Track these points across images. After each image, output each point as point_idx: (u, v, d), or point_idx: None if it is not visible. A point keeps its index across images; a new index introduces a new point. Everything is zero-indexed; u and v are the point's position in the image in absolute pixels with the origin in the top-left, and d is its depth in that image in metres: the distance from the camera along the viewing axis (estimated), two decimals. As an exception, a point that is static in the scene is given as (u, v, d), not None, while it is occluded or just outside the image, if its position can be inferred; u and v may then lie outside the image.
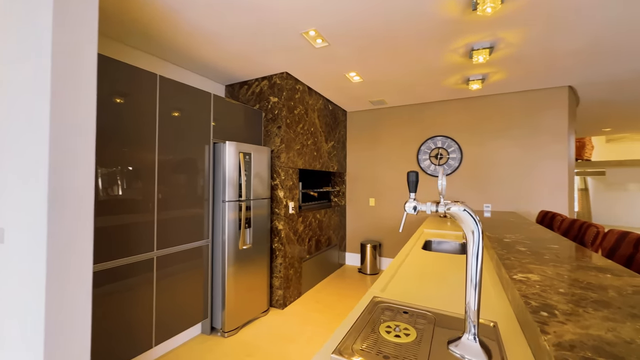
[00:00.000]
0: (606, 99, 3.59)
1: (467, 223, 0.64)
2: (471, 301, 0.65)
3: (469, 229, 0.64)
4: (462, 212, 0.65)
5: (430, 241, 2.22)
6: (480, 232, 0.63)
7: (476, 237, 0.63)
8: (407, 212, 0.70)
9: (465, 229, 0.65)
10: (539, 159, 3.21)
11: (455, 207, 0.65)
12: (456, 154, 3.58)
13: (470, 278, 0.65)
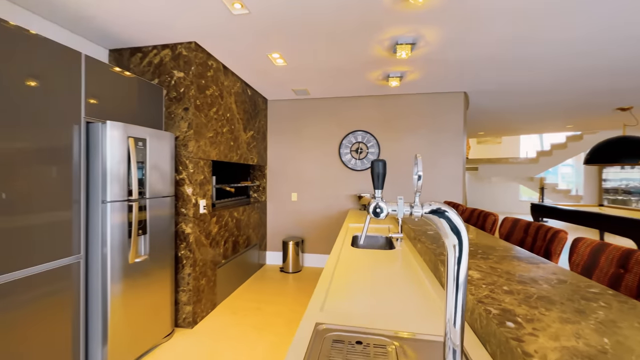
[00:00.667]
0: (486, 106, 4.30)
1: (445, 231, 0.49)
2: (455, 336, 0.50)
3: (451, 241, 0.48)
4: (444, 218, 0.48)
5: (357, 236, 2.17)
6: (466, 243, 0.48)
7: (459, 249, 0.48)
8: (372, 217, 0.51)
9: (446, 238, 0.49)
10: (441, 155, 3.60)
11: (438, 210, 0.49)
12: (375, 148, 3.72)
13: (451, 307, 0.50)
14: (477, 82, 3.21)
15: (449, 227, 0.49)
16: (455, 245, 0.49)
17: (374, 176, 0.52)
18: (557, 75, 3.00)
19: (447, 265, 0.50)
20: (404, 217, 0.53)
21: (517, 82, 3.20)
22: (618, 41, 2.25)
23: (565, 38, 2.20)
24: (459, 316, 0.50)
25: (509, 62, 2.64)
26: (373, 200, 0.52)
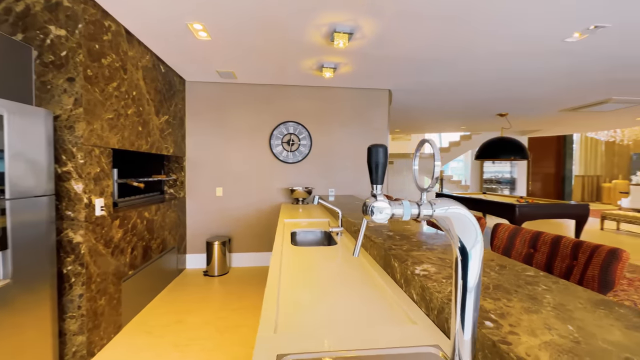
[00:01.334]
0: (404, 104, 4.70)
1: (457, 233, 0.40)
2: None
3: (466, 244, 0.40)
4: (459, 216, 0.39)
5: (295, 233, 2.04)
6: (481, 245, 0.40)
7: (476, 253, 0.40)
8: (372, 220, 0.38)
9: (456, 240, 0.40)
10: (365, 149, 3.75)
11: (451, 209, 0.39)
12: (307, 140, 3.63)
13: (459, 320, 0.42)
14: (400, 81, 3.43)
15: (464, 228, 0.40)
16: (470, 249, 0.40)
17: (372, 167, 0.40)
18: (459, 82, 3.44)
19: (457, 271, 0.42)
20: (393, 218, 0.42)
21: (430, 82, 3.55)
22: (503, 61, 2.68)
23: (470, 50, 2.50)
24: (470, 328, 0.42)
25: (426, 62, 2.88)
26: (371, 199, 0.39)
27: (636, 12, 1.92)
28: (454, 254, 0.42)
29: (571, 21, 2.05)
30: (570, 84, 3.50)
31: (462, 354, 0.42)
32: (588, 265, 1.02)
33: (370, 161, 0.39)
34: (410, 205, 0.39)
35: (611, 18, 2.00)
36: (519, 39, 2.32)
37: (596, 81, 3.38)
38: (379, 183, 0.40)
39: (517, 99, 4.33)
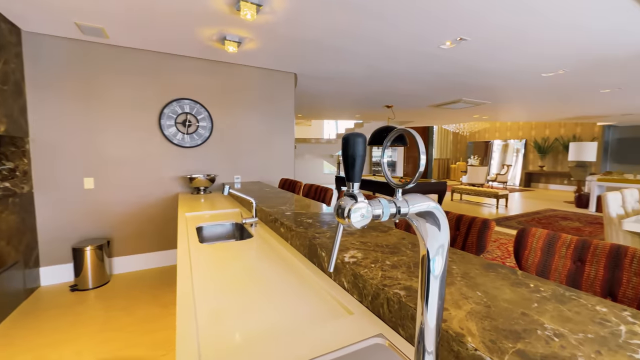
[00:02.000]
0: (307, 90, 4.77)
1: (431, 233, 0.38)
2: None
3: (437, 243, 0.39)
4: (433, 211, 0.37)
5: (201, 228, 1.80)
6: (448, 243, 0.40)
7: (445, 247, 0.40)
8: (355, 225, 0.32)
9: (428, 239, 0.39)
10: (276, 134, 3.66)
11: (425, 205, 0.37)
12: (207, 122, 3.23)
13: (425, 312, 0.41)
14: (306, 65, 3.42)
15: (435, 222, 0.38)
16: (440, 244, 0.39)
17: (349, 161, 0.33)
18: (361, 73, 3.71)
19: (426, 264, 0.40)
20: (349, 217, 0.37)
21: (335, 70, 3.69)
22: (389, 58, 3.03)
23: (368, 43, 2.70)
24: (434, 316, 0.42)
25: (334, 49, 2.96)
26: (347, 200, 0.33)
27: (486, 31, 2.44)
28: (423, 249, 0.40)
29: (445, 31, 2.44)
30: (438, 84, 4.27)
31: (426, 344, 0.42)
32: (468, 234, 1.27)
33: (347, 154, 0.32)
34: (388, 204, 0.34)
35: (470, 33, 2.49)
36: (409, 37, 2.63)
37: (455, 84, 4.24)
38: (357, 180, 0.33)
39: (400, 94, 5.02)
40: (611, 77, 3.77)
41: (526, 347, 0.50)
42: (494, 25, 2.33)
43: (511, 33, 2.47)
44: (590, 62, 3.19)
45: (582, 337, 0.53)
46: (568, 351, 0.49)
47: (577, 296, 0.69)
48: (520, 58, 3.09)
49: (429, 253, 0.39)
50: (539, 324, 0.57)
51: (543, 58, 3.09)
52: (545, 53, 2.93)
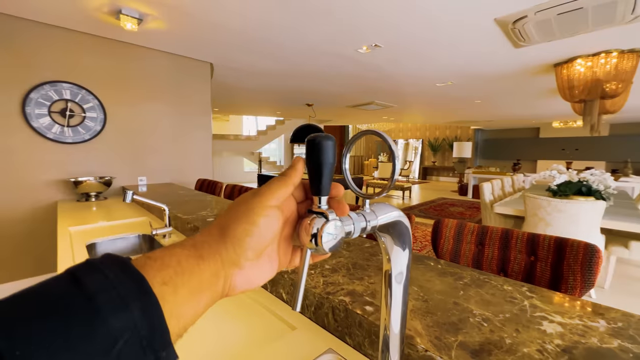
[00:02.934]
0: (225, 83, 4.44)
1: (397, 246, 0.36)
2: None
3: (404, 242, 0.36)
4: (398, 221, 0.34)
5: (94, 244, 1.44)
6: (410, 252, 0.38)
7: (407, 254, 0.37)
8: (327, 250, 0.26)
9: (392, 245, 0.36)
10: (190, 129, 3.27)
11: (393, 215, 0.33)
12: (97, 112, 2.64)
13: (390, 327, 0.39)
14: (224, 56, 3.16)
15: (400, 232, 0.35)
16: (404, 252, 0.37)
17: (317, 170, 0.26)
18: (282, 69, 3.64)
19: (389, 274, 0.38)
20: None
21: (255, 64, 3.52)
22: (316, 57, 3.08)
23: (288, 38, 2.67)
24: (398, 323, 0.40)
25: (255, 41, 2.81)
26: (316, 218, 0.26)
27: (397, 41, 2.70)
28: (386, 260, 0.37)
29: (362, 36, 2.59)
30: (355, 86, 4.55)
31: (392, 354, 0.39)
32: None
33: (314, 161, 0.26)
34: (357, 217, 0.30)
35: (384, 41, 2.70)
36: (329, 38, 2.69)
37: (369, 87, 4.59)
38: (326, 194, 0.27)
39: (321, 93, 5.16)
40: (481, 90, 4.70)
41: (465, 338, 0.53)
42: (404, 36, 2.58)
43: (417, 45, 2.79)
44: (469, 77, 3.90)
45: (502, 317, 0.60)
46: (497, 334, 0.54)
47: (489, 278, 0.79)
48: (422, 68, 3.54)
49: (392, 262, 0.37)
50: (469, 311, 0.63)
51: (438, 70, 3.61)
52: (439, 66, 3.43)
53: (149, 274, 0.20)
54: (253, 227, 0.25)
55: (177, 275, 0.21)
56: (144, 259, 0.21)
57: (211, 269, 0.23)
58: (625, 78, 3.07)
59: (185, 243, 0.24)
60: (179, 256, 0.22)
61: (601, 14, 2.07)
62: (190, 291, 0.22)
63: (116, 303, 0.17)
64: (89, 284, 0.17)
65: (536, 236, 1.02)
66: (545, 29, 2.32)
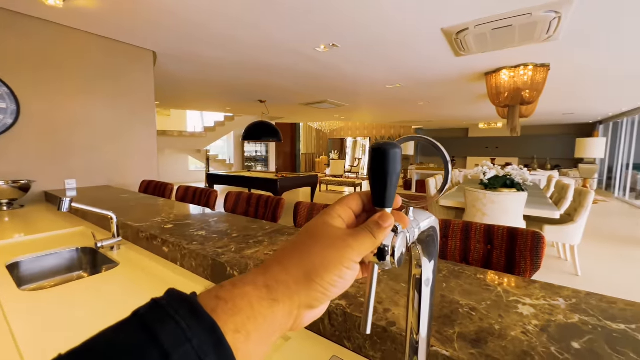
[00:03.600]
0: (168, 74, 4.06)
1: (432, 254, 0.36)
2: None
3: (431, 263, 0.37)
4: (433, 223, 0.35)
5: (17, 264, 1.19)
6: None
7: (435, 258, 0.38)
8: (397, 265, 0.24)
9: (422, 251, 0.37)
10: (131, 124, 2.91)
11: (431, 219, 0.33)
12: (7, 102, 2.18)
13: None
14: (168, 44, 2.87)
15: (436, 244, 0.36)
16: (434, 264, 0.37)
17: (381, 180, 0.24)
18: (231, 62, 3.46)
19: (420, 287, 0.38)
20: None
21: (202, 55, 3.29)
22: (264, 49, 3.01)
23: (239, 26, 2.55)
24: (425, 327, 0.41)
25: (200, 29, 2.62)
26: (395, 235, 0.25)
27: (353, 42, 2.76)
28: (414, 265, 0.37)
29: (321, 35, 2.60)
30: (310, 84, 4.55)
31: (419, 357, 0.40)
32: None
33: (380, 170, 0.24)
34: (409, 225, 0.29)
35: (342, 40, 2.75)
36: (287, 34, 2.64)
37: (324, 85, 4.64)
38: (391, 205, 0.26)
39: (274, 89, 5.05)
40: (425, 93, 5.11)
41: (462, 329, 0.57)
42: (361, 38, 2.66)
43: (372, 48, 2.89)
44: (415, 80, 4.21)
45: (485, 305, 0.66)
46: (486, 322, 0.59)
47: (462, 269, 0.86)
48: (375, 70, 3.70)
49: (424, 270, 0.37)
50: (456, 302, 0.67)
51: (389, 73, 3.81)
52: (391, 69, 3.63)
53: (221, 319, 0.19)
54: (341, 281, 0.24)
55: (250, 321, 0.20)
56: (215, 300, 0.20)
57: (285, 311, 0.23)
58: (538, 88, 3.63)
59: (257, 282, 0.23)
60: (250, 298, 0.21)
61: (525, 32, 2.41)
62: (261, 336, 0.21)
63: (192, 359, 0.16)
64: (162, 337, 0.16)
65: (492, 227, 1.14)
66: (481, 41, 2.62)
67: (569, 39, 2.63)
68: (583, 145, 6.96)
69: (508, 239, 1.09)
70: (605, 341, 0.53)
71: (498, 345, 0.52)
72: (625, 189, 7.63)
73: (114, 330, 0.17)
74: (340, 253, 0.24)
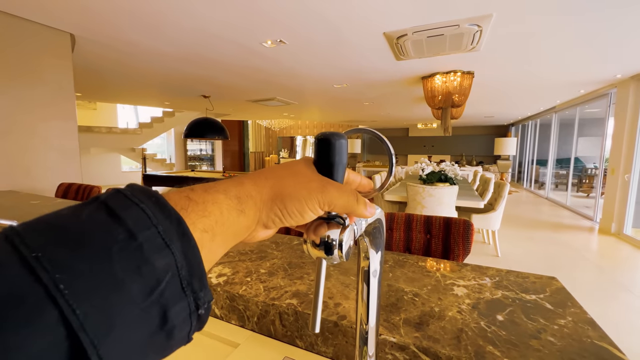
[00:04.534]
0: (94, 62, 3.57)
1: (377, 245, 0.37)
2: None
3: (378, 255, 0.38)
4: (379, 215, 0.36)
5: None
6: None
7: (382, 249, 0.39)
8: (345, 258, 0.23)
9: (369, 243, 0.38)
10: (42, 117, 2.47)
11: (378, 210, 0.34)
12: None
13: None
14: (89, 25, 2.52)
15: (382, 236, 0.37)
16: (381, 256, 0.38)
17: (326, 172, 0.24)
18: (164, 52, 3.18)
19: (369, 279, 0.39)
20: None
21: (135, 42, 2.96)
22: (204, 44, 2.85)
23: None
24: (374, 317, 0.42)
25: (133, 16, 2.36)
26: (326, 224, 0.24)
27: (301, 39, 2.76)
28: (363, 257, 0.38)
29: (267, 30, 2.53)
30: (257, 80, 4.42)
31: (369, 348, 0.41)
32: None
33: (327, 161, 0.23)
34: (356, 218, 0.29)
35: (288, 38, 2.72)
36: (234, 24, 2.52)
37: (272, 82, 4.55)
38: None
39: (219, 85, 4.79)
40: (370, 94, 5.37)
41: (406, 315, 0.60)
42: (307, 36, 2.66)
43: (319, 47, 2.92)
44: (361, 81, 4.39)
45: (426, 290, 0.71)
46: (427, 306, 0.64)
47: (406, 258, 0.92)
48: (323, 69, 3.75)
49: (371, 262, 0.38)
50: (401, 290, 0.71)
51: (336, 73, 3.90)
52: (338, 69, 3.72)
53: (190, 218, 0.20)
54: (300, 217, 0.26)
55: (218, 225, 0.21)
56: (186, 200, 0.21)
57: (248, 223, 0.24)
58: (465, 92, 4.09)
59: (229, 191, 0.23)
60: (221, 205, 0.22)
61: (454, 42, 2.68)
62: (224, 240, 0.22)
63: (158, 242, 0.16)
64: (127, 219, 0.16)
65: (430, 218, 1.24)
66: (418, 48, 2.83)
67: (488, 51, 3.01)
68: (500, 144, 8.05)
69: (444, 228, 1.20)
70: (522, 311, 0.61)
71: (438, 326, 0.56)
72: (531, 181, 9.06)
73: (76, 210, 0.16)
74: (312, 195, 0.25)
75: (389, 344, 0.53)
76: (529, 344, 0.51)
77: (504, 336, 0.53)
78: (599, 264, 3.23)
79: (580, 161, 9.27)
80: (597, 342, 0.52)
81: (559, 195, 7.32)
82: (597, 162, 6.17)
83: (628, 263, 3.31)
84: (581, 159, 9.31)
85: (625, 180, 4.24)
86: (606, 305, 2.29)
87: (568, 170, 6.93)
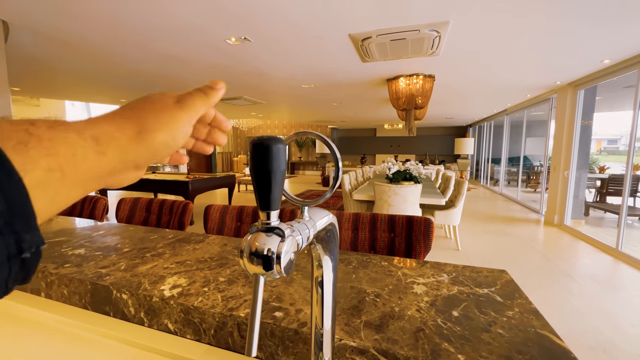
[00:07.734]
0: (35, 54, 3.21)
1: (329, 241, 0.36)
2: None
3: (334, 245, 0.36)
4: (331, 222, 0.34)
5: None
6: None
7: (336, 255, 0.38)
8: (285, 273, 0.21)
9: (323, 251, 0.36)
10: (-33, 114, 2.16)
11: (327, 218, 0.32)
12: None
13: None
14: (25, 13, 2.26)
15: (331, 235, 0.35)
16: (333, 253, 0.37)
17: (263, 179, 0.22)
18: (126, 48, 2.96)
19: (323, 287, 0.37)
20: None
21: (69, 32, 2.71)
22: (169, 38, 2.70)
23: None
24: (329, 320, 0.41)
25: (80, 6, 2.15)
26: (268, 238, 0.22)
27: (267, 35, 2.70)
28: (316, 266, 0.37)
29: (231, 26, 2.45)
30: (222, 78, 4.25)
31: (324, 353, 0.39)
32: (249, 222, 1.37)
33: (261, 168, 0.21)
34: (300, 226, 0.27)
35: (253, 36, 2.65)
36: (195, 19, 2.40)
37: (238, 81, 4.41)
38: (276, 207, 0.23)
39: (182, 82, 4.54)
40: (338, 95, 5.43)
41: (367, 317, 0.60)
42: (272, 35, 2.61)
43: (285, 46, 2.88)
44: (328, 82, 4.41)
45: (388, 290, 0.72)
46: (388, 306, 0.64)
47: (370, 258, 0.92)
48: (290, 69, 3.71)
49: (325, 270, 0.36)
50: (363, 291, 0.71)
51: (304, 72, 3.88)
52: (305, 69, 3.70)
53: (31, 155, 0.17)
54: (173, 142, 0.25)
55: (69, 165, 0.19)
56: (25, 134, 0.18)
57: (111, 165, 0.22)
58: (427, 95, 4.28)
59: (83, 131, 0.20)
60: (74, 146, 0.19)
61: (415, 46, 2.78)
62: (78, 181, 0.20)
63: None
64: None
65: (394, 217, 1.27)
66: (382, 50, 2.91)
67: (446, 56, 3.17)
68: (460, 144, 8.57)
69: (407, 227, 1.23)
70: (475, 305, 0.64)
71: (397, 327, 0.57)
72: (488, 178, 9.76)
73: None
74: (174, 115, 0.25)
75: (349, 349, 0.53)
76: (480, 337, 0.53)
77: (458, 332, 0.55)
78: (544, 253, 3.55)
79: (528, 159, 10.16)
80: (540, 330, 0.55)
81: (511, 191, 7.95)
82: (542, 160, 6.81)
83: (568, 251, 3.68)
84: (529, 157, 10.21)
85: (565, 176, 4.72)
86: (550, 290, 2.53)
87: (518, 168, 7.55)
